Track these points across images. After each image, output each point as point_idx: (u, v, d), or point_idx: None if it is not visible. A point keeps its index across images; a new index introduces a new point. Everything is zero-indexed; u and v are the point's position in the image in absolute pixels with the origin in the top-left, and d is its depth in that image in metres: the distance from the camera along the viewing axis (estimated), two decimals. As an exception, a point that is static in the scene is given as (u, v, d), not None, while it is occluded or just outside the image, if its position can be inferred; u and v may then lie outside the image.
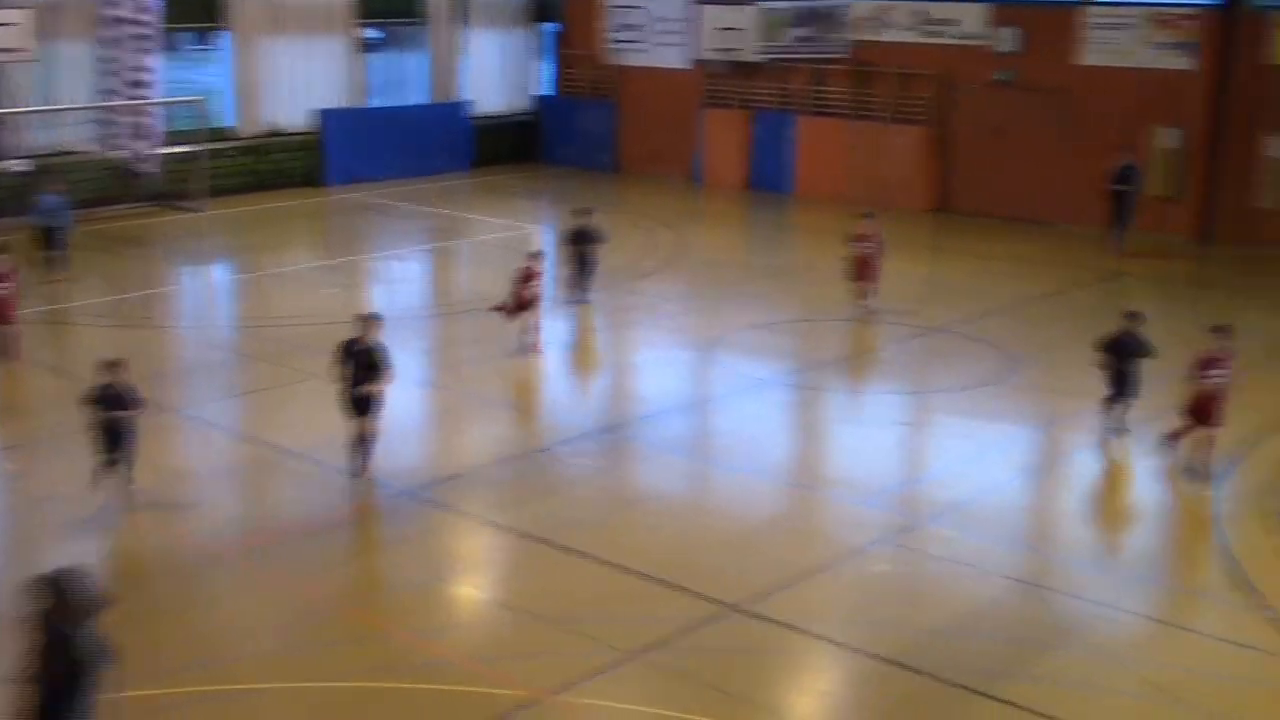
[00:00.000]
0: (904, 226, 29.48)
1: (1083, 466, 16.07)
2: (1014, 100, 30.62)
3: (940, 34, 31.45)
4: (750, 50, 33.41)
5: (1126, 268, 26.15)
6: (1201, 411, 14.99)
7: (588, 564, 12.85)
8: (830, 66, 32.94)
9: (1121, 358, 16.06)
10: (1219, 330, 15.33)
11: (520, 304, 19.29)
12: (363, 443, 14.46)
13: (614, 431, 16.91)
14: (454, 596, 12.68)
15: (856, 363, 20.08)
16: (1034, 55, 30.28)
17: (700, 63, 34.77)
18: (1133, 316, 16.40)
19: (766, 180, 33.88)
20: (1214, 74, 28.02)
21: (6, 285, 18.54)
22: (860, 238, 21.64)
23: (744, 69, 34.07)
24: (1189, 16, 28.23)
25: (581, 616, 11.75)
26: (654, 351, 20.38)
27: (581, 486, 15.25)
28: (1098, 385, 17.43)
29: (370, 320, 14.62)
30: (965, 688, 10.66)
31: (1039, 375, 19.20)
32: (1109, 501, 14.94)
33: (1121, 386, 16.12)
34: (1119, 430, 16.25)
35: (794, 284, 24.84)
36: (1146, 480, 15.68)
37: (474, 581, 13.06)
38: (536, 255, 19.89)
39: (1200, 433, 14.99)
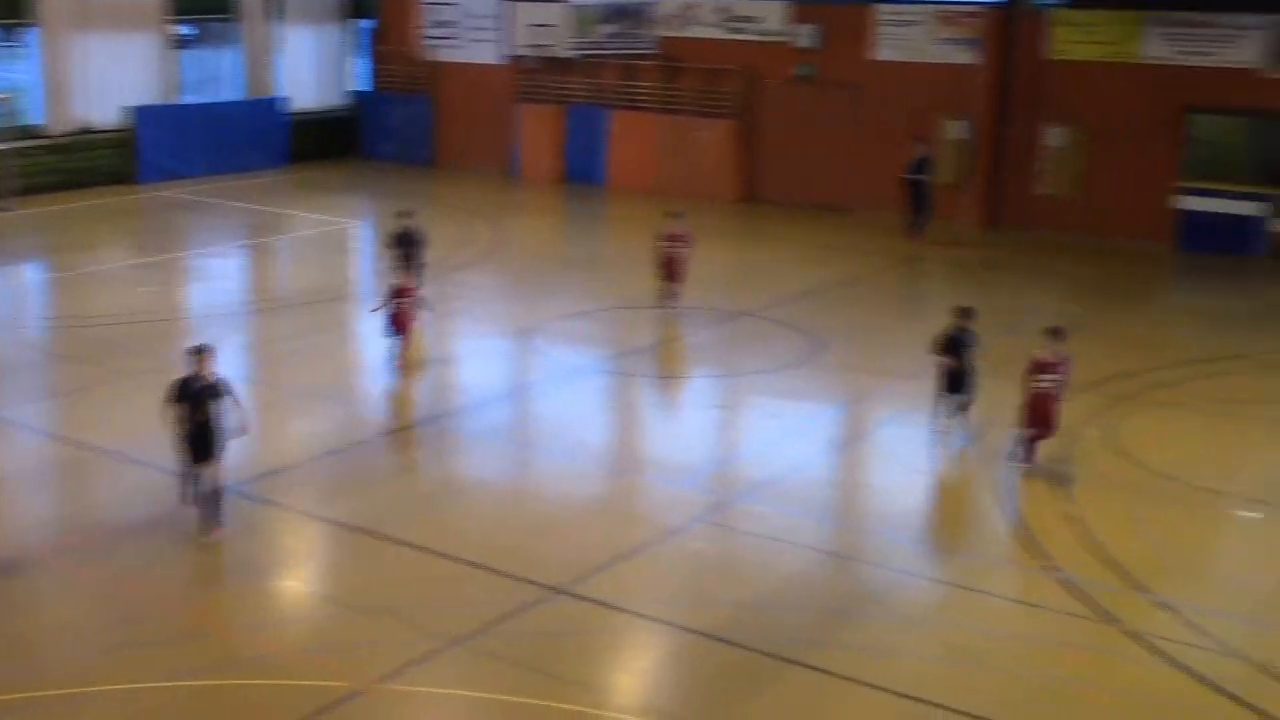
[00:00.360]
0: (713, 216, 29.86)
1: (885, 442, 16.47)
2: (814, 94, 31.22)
3: (743, 31, 31.88)
4: (562, 46, 33.43)
5: (922, 253, 26.90)
6: (1038, 416, 14.74)
7: (411, 553, 12.71)
8: (640, 62, 33.17)
9: (958, 354, 15.62)
10: (1052, 333, 14.87)
11: (400, 322, 18.13)
12: (207, 500, 12.70)
13: (436, 421, 16.76)
14: (280, 591, 12.40)
15: (670, 349, 20.25)
16: (832, 51, 30.92)
17: (514, 58, 34.64)
18: (965, 313, 15.88)
19: (580, 173, 33.92)
20: (997, 68, 28.97)
21: None
22: (670, 238, 21.23)
23: (557, 64, 34.04)
24: (972, 14, 29.12)
25: (405, 605, 11.62)
26: (474, 341, 20.27)
27: (404, 477, 15.10)
28: (897, 363, 17.96)
29: (203, 354, 12.57)
30: (779, 657, 10.84)
31: (843, 356, 19.62)
32: (910, 475, 15.31)
33: (958, 384, 15.69)
34: (954, 428, 15.85)
35: (609, 273, 24.92)
36: (943, 454, 16.16)
37: (299, 575, 12.80)
38: (409, 273, 19.14)
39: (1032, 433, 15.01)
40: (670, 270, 21.14)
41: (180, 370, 12.88)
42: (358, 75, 37.80)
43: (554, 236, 30.27)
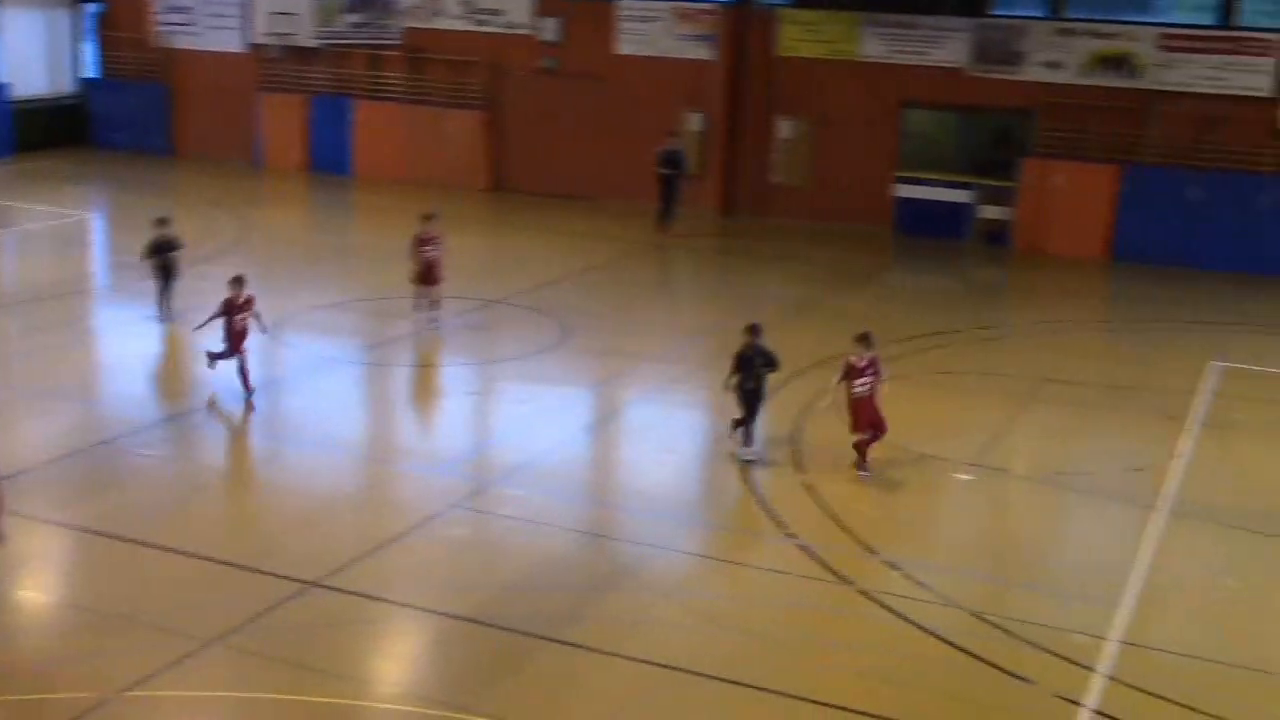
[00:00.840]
0: (463, 205, 29.66)
1: (635, 422, 16.70)
2: (559, 86, 31.32)
3: (488, 23, 31.71)
4: (305, 34, 32.58)
5: (666, 240, 27.33)
6: (865, 420, 14.64)
7: (158, 555, 12.19)
8: (386, 52, 32.63)
9: (746, 372, 14.78)
10: (861, 339, 14.73)
11: (235, 340, 16.25)
12: None
13: (181, 419, 16.15)
14: (18, 601, 11.65)
15: (422, 337, 20.00)
16: (575, 44, 31.06)
17: (256, 46, 33.57)
18: (753, 330, 15.00)
19: (326, 163, 33.13)
20: (731, 63, 29.63)
21: None
22: (425, 241, 19.91)
23: (300, 53, 33.17)
24: (707, 11, 29.71)
25: (155, 609, 11.14)
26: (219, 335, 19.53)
27: (149, 476, 14.44)
28: (645, 345, 18.18)
29: None
30: (538, 636, 10.87)
31: (592, 340, 19.77)
32: (659, 454, 15.55)
33: (753, 399, 14.90)
34: (748, 451, 15.03)
35: (359, 263, 24.48)
36: (684, 431, 16.49)
37: (39, 584, 12.04)
38: (238, 280, 16.47)
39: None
40: (429, 274, 19.93)
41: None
42: (87, 61, 35.93)
43: (302, 228, 29.50)
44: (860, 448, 14.76)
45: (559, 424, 16.25)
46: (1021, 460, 15.83)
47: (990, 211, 28.40)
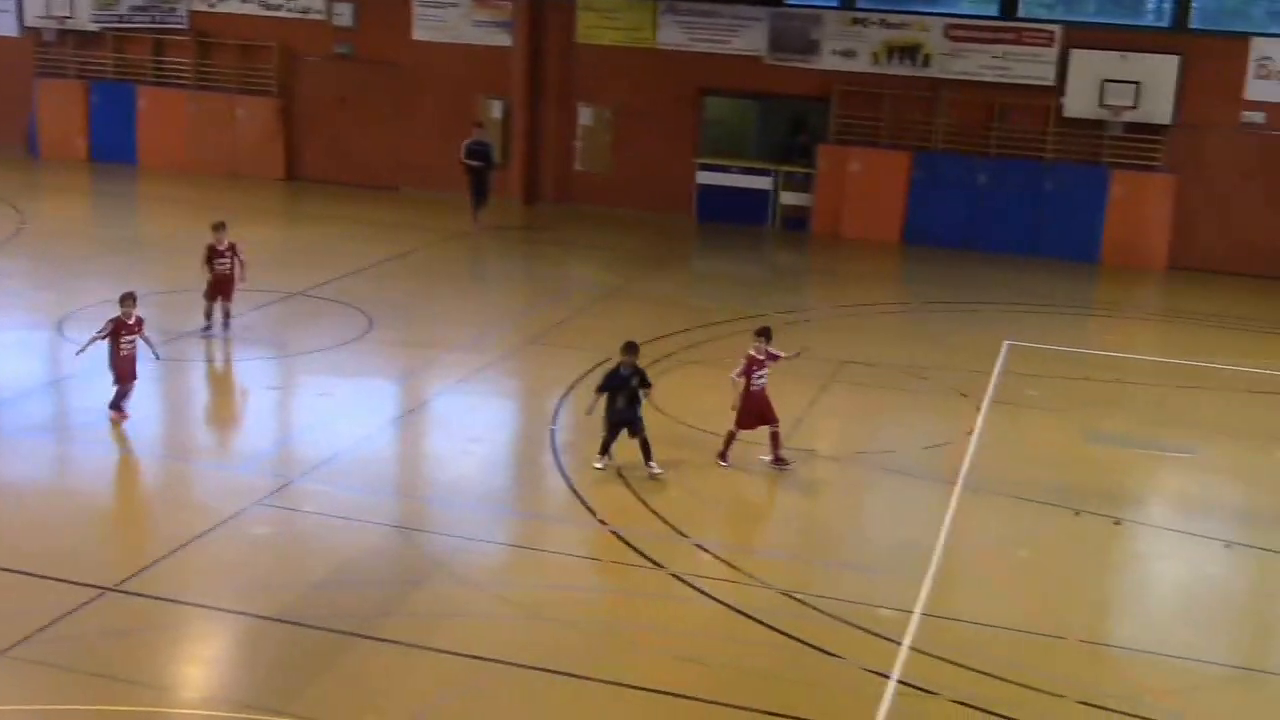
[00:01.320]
0: (257, 196, 28.94)
1: (441, 413, 16.53)
2: (355, 73, 30.79)
3: (279, 7, 30.95)
4: (84, 19, 31.26)
5: (469, 229, 27.12)
6: (756, 414, 14.72)
7: (-57, 562, 11.59)
8: (170, 37, 31.55)
9: (618, 393, 14.29)
10: (762, 333, 14.83)
11: (121, 371, 15.10)
12: None
13: (-38, 420, 15.34)
14: None
15: (220, 332, 19.39)
16: (370, 30, 30.58)
17: (31, 30, 32.06)
18: (629, 348, 14.46)
19: (109, 151, 31.89)
20: (530, 50, 29.56)
21: None
22: (218, 253, 18.32)
23: (79, 38, 31.81)
24: (505, -3, 29.63)
25: (-60, 619, 10.59)
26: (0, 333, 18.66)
27: (-71, 481, 13.70)
28: (451, 336, 18.00)
29: None
30: (347, 633, 10.69)
31: (396, 331, 19.51)
32: (467, 444, 15.43)
33: (622, 421, 14.36)
34: (602, 460, 14.47)
35: (149, 256, 23.62)
36: (492, 421, 16.43)
37: None
38: (129, 298, 15.24)
39: (764, 430, 14.92)
40: (223, 288, 18.47)
41: None
42: None
43: (84, 218, 28.33)
44: (730, 439, 14.78)
45: (363, 417, 15.99)
46: (825, 441, 16.22)
47: (790, 197, 29.05)
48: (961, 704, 10.11)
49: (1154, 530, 14.08)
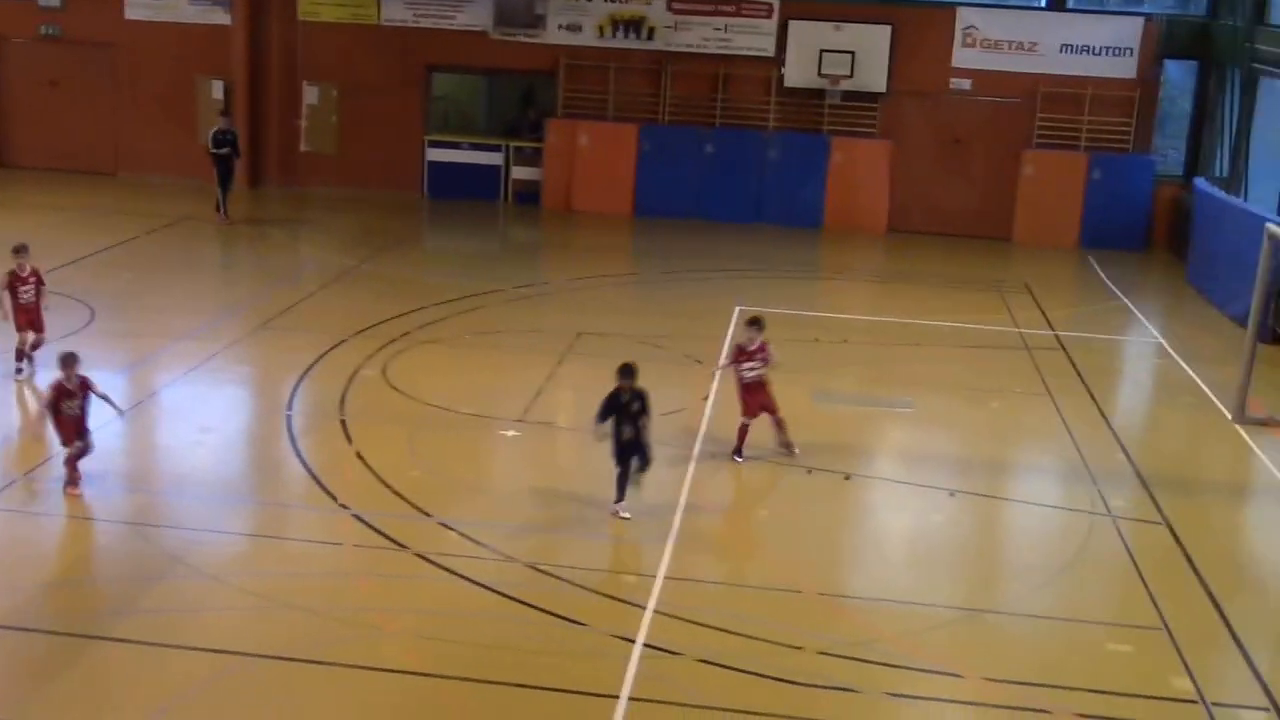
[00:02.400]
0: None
1: (170, 404, 15.96)
2: (66, 54, 29.28)
3: (-27, -17, 29.16)
4: None
5: (196, 211, 26.19)
6: (757, 404, 14.58)
7: None
8: None
9: (621, 422, 12.98)
10: (753, 323, 14.64)
11: (67, 431, 13.09)
12: None
13: None
14: None
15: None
16: (78, 10, 29.13)
17: None
18: (627, 371, 13.02)
19: None
20: (249, 28, 28.68)
21: None
22: (20, 280, 16.22)
23: None
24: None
25: None
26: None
27: None
28: (177, 325, 17.36)
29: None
30: (81, 635, 10.27)
31: (119, 322, 18.73)
32: (198, 434, 14.96)
33: (630, 451, 13.05)
34: (621, 507, 13.07)
35: None
36: (223, 410, 16.00)
37: None
38: (69, 359, 13.24)
39: (765, 419, 14.77)
40: (31, 318, 16.34)
41: None
42: None
43: None
44: (743, 432, 14.62)
45: (95, 411, 15.26)
46: (565, 413, 16.42)
47: (521, 172, 29.13)
48: (705, 662, 10.43)
49: (882, 483, 14.78)
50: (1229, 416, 17.03)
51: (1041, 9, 28.72)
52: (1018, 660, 10.88)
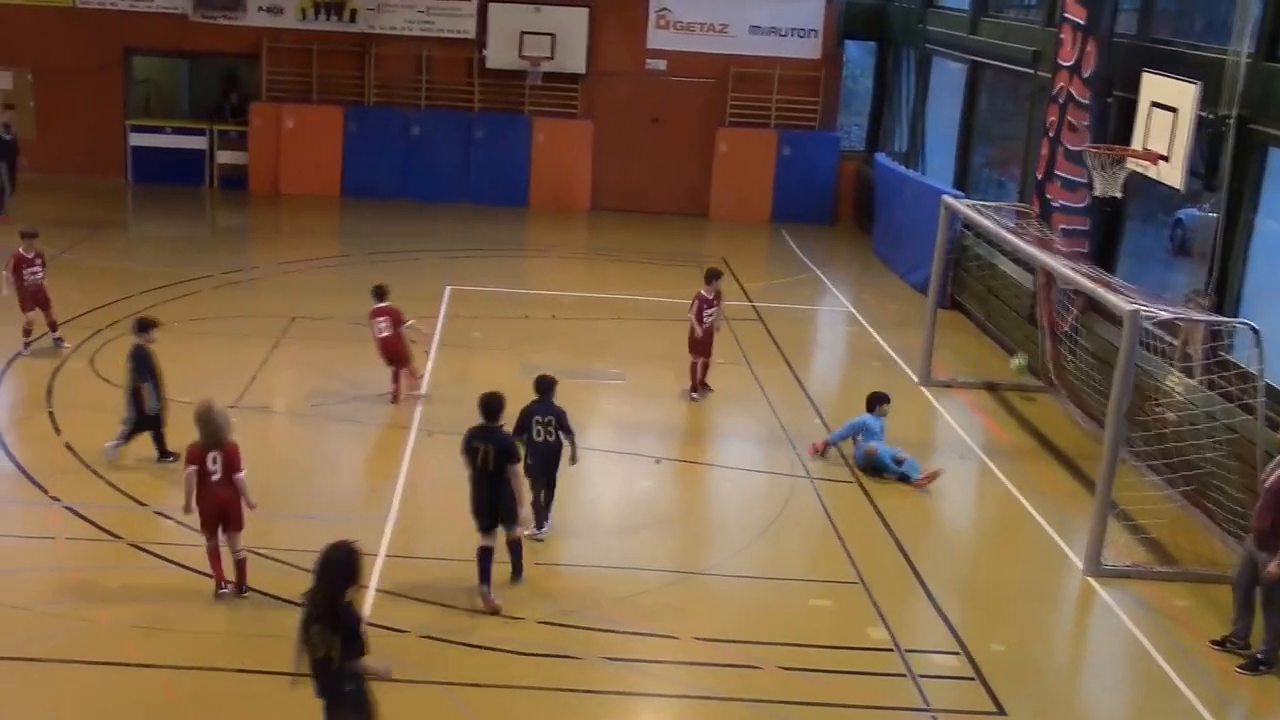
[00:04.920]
0: None
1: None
2: None
3: None
4: None
5: None
6: (704, 345, 16.60)
7: None
8: None
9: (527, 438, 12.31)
10: (713, 274, 16.59)
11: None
12: None
13: None
14: None
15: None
16: None
17: None
18: (542, 384, 12.71)
19: None
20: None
21: None
22: (28, 262, 16.57)
23: None
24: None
25: None
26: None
27: None
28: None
29: None
30: None
31: None
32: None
33: (539, 489, 12.45)
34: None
35: None
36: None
37: None
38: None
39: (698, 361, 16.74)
40: (40, 300, 16.69)
41: None
42: None
43: None
44: (693, 371, 16.74)
45: None
46: (281, 397, 16.09)
47: (226, 156, 28.17)
48: (429, 638, 10.50)
49: (596, 453, 15.02)
50: (915, 379, 18.13)
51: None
52: (728, 619, 11.30)
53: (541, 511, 12.53)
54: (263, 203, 27.56)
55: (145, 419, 13.50)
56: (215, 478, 10.81)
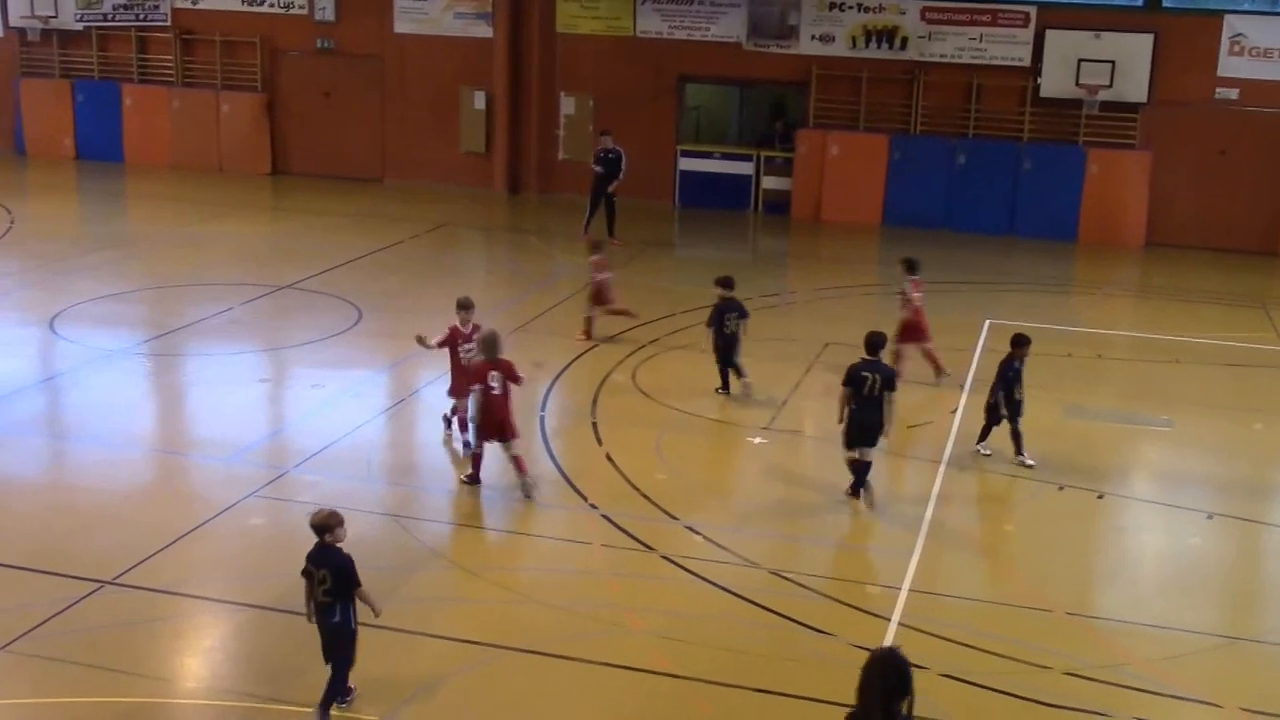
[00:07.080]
0: (243, 190, 28.90)
1: (427, 402, 16.51)
2: (338, 67, 30.73)
3: (262, 2, 30.84)
4: (68, 17, 31.09)
5: (454, 217, 27.08)
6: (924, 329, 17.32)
7: (-58, 560, 11.58)
8: (153, 34, 31.42)
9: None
10: (910, 268, 17.33)
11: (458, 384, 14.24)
12: None
13: (-43, 419, 15.31)
14: None
15: (208, 325, 19.37)
16: (350, 24, 30.48)
17: (14, 30, 31.89)
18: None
19: (95, 149, 31.81)
20: (509, 41, 29.50)
21: None
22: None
23: (63, 36, 31.67)
24: (484, -11, 29.56)
25: (-60, 616, 10.59)
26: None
27: (-75, 480, 13.68)
28: (439, 326, 17.97)
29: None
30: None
31: (382, 323, 19.50)
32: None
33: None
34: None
35: (135, 252, 23.56)
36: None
37: None
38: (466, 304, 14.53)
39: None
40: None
41: None
42: None
43: (72, 216, 28.20)
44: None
45: (353, 407, 15.97)
46: (811, 422, 16.28)
47: (770, 182, 29.08)
48: (949, 677, 10.18)
49: (1136, 503, 14.16)
50: None
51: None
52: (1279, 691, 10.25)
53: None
54: (803, 229, 28.19)
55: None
56: (495, 391, 12.74)
